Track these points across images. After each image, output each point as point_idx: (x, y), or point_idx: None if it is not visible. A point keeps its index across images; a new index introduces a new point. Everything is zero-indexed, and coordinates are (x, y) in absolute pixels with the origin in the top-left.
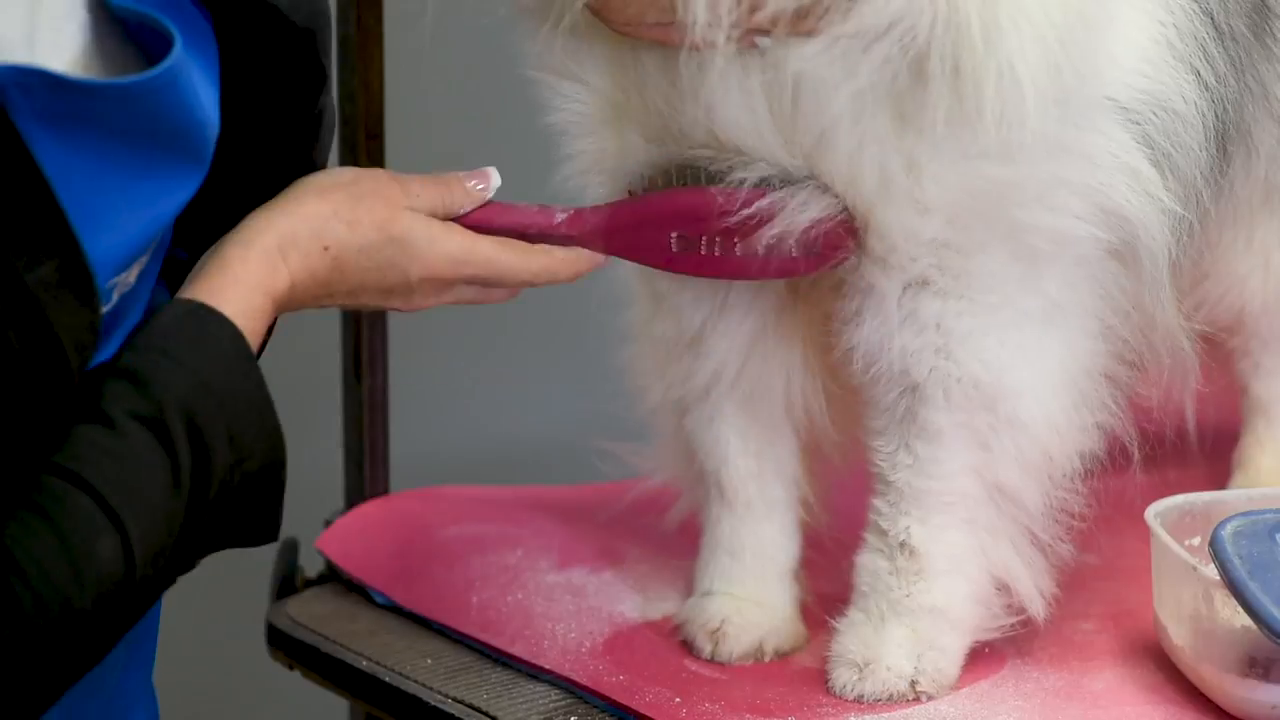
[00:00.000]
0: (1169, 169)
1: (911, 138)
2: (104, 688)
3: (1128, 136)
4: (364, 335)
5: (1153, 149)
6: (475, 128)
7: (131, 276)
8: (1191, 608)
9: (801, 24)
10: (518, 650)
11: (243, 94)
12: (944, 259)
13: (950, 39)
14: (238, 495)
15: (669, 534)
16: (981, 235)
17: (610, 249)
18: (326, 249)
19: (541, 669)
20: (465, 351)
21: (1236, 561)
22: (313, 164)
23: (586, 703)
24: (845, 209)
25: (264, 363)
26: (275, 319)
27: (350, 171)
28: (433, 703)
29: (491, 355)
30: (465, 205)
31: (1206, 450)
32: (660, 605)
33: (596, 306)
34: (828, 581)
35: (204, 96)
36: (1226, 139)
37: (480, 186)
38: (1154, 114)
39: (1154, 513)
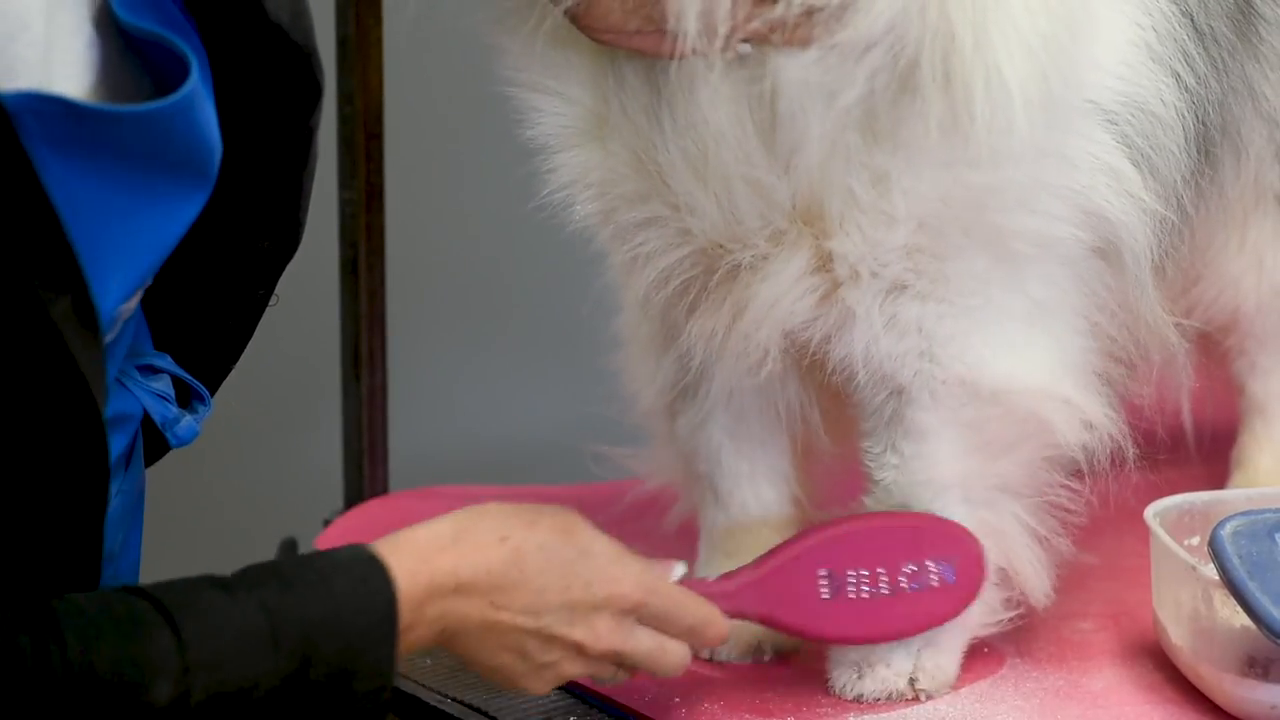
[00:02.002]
0: (1148, 170)
1: (884, 153)
2: None
3: (1108, 137)
4: (363, 335)
5: (1132, 149)
6: (475, 128)
7: (134, 302)
8: (1191, 607)
9: (795, 33)
10: None
11: (238, 110)
12: (919, 263)
13: (940, 47)
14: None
15: (668, 534)
16: (958, 240)
17: (766, 607)
18: (504, 539)
19: None
20: (464, 352)
21: (1236, 561)
22: (300, 188)
23: (586, 703)
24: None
25: (264, 362)
26: (432, 616)
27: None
28: (432, 703)
29: (490, 355)
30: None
31: (1205, 450)
32: None
33: (591, 311)
34: None
35: (211, 117)
36: (1210, 141)
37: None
38: (1132, 116)
39: (1153, 512)
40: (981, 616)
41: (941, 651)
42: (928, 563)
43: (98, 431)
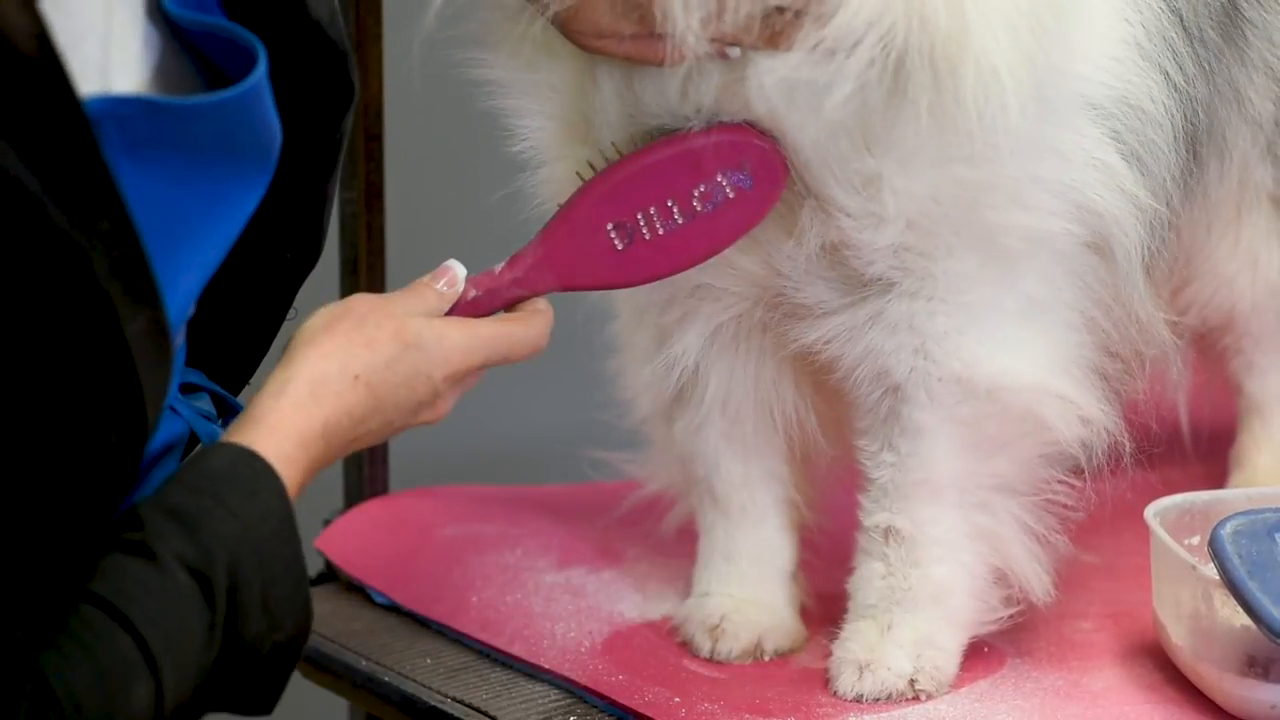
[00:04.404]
0: (1138, 167)
1: (874, 155)
2: None
3: (1098, 131)
4: None
5: (1122, 145)
6: (475, 129)
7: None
8: (1191, 607)
9: (774, 35)
10: (517, 650)
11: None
12: (905, 261)
13: (926, 34)
14: (256, 664)
15: (667, 536)
16: (947, 239)
17: (562, 279)
18: (357, 378)
19: (541, 668)
20: None
21: (1236, 561)
22: (325, 197)
23: (586, 702)
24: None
25: (264, 363)
26: (308, 476)
27: (333, 305)
28: (432, 702)
29: None
30: (442, 309)
31: (1204, 449)
32: (659, 605)
33: (590, 314)
34: (826, 582)
35: (272, 103)
36: (1197, 141)
37: (447, 286)
38: (1122, 113)
39: (1153, 512)
40: (980, 615)
41: (941, 652)
42: (718, 178)
43: (135, 461)
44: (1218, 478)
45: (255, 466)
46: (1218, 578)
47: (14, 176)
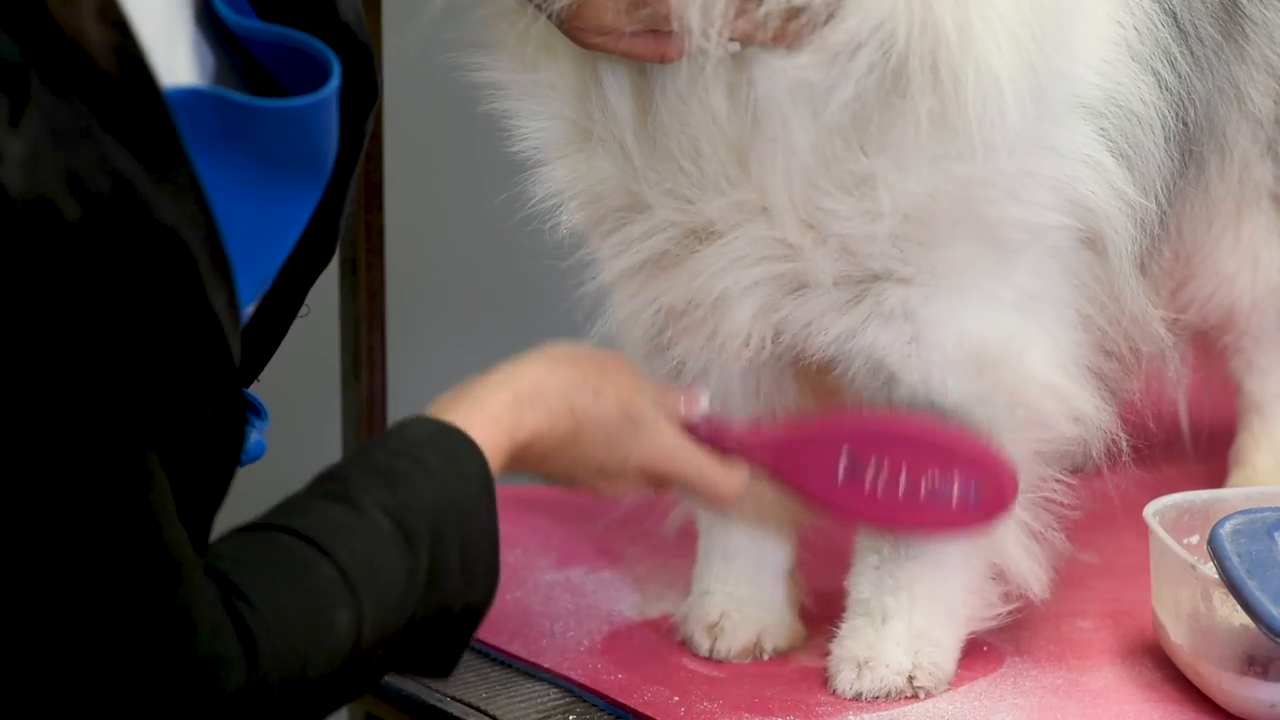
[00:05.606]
0: (1126, 166)
1: (870, 155)
2: None
3: (1090, 129)
4: (364, 335)
5: (1112, 144)
6: (475, 128)
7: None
8: (1190, 606)
9: (783, 33)
10: (516, 649)
11: None
12: (906, 251)
13: (928, 40)
14: (447, 623)
15: (667, 536)
16: (946, 231)
17: (773, 465)
18: (573, 410)
19: (540, 668)
20: (464, 351)
21: (1235, 560)
22: (345, 195)
23: (585, 701)
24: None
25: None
26: (500, 470)
27: (591, 348)
28: (431, 701)
29: (490, 355)
30: (673, 417)
31: (1204, 448)
32: (658, 604)
33: (590, 313)
34: (825, 580)
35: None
36: (1193, 141)
37: (686, 406)
38: (1111, 113)
39: (1152, 511)
40: (978, 611)
41: (939, 648)
42: (954, 480)
43: (239, 425)
44: (1217, 477)
45: (454, 437)
46: (1217, 577)
47: (127, 179)
